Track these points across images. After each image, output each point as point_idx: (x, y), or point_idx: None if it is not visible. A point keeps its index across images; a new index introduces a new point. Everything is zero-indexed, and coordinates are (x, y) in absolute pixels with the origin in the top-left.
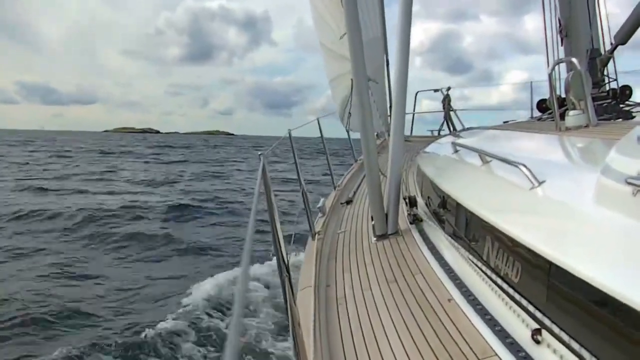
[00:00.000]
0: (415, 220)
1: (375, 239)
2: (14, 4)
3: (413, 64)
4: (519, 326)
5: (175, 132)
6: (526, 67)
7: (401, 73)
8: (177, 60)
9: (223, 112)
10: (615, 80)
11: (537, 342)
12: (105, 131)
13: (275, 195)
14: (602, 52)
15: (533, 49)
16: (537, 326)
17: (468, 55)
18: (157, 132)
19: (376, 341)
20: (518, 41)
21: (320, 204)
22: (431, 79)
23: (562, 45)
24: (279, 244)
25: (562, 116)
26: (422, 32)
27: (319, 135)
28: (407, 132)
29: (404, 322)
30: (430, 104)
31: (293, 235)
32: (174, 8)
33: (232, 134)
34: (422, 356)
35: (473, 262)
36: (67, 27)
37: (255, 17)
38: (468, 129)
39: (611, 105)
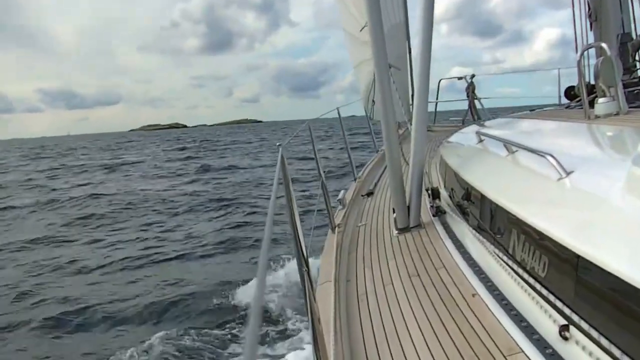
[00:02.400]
0: (438, 212)
1: (396, 232)
2: (26, 11)
3: (439, 31)
4: (546, 322)
5: (203, 125)
6: (558, 23)
7: (424, 60)
8: (197, 51)
9: (249, 100)
10: None
11: (565, 338)
12: (131, 130)
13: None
14: (634, 37)
15: (564, 2)
16: (565, 322)
17: (497, 16)
18: (184, 126)
19: (398, 337)
20: None
21: (340, 196)
22: (460, 46)
23: (591, 30)
24: (298, 237)
25: (592, 104)
26: None
27: (355, 116)
28: (429, 121)
29: (427, 317)
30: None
31: (312, 228)
32: None
33: (260, 121)
34: (445, 353)
35: (498, 255)
36: (81, 29)
37: None
38: (493, 117)
39: None
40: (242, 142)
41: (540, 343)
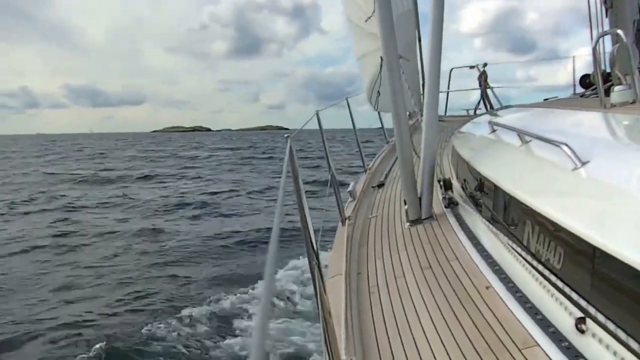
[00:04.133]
0: (451, 204)
1: (408, 224)
2: (55, 5)
3: (472, 45)
4: (562, 315)
5: (228, 129)
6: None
7: (434, 49)
8: (224, 55)
9: (275, 107)
10: None
11: (582, 331)
12: (154, 131)
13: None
14: None
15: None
16: (581, 315)
17: (533, 33)
18: (208, 129)
19: (410, 330)
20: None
21: (350, 188)
22: (494, 61)
23: (606, 17)
24: (308, 229)
25: (607, 92)
26: (481, 12)
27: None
28: (441, 112)
29: (440, 310)
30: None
31: (322, 221)
32: (217, 1)
33: (286, 128)
34: (458, 346)
35: (512, 247)
36: (110, 27)
37: (303, 5)
38: (506, 107)
39: None
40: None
41: (556, 336)
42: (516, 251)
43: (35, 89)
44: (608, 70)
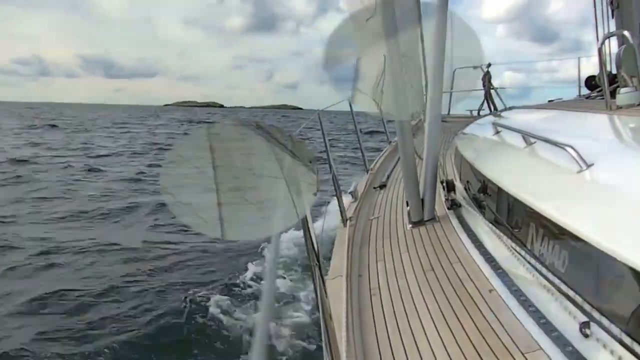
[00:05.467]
0: (454, 205)
1: (410, 225)
2: None
3: (495, 33)
4: (566, 319)
5: (241, 107)
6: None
7: (438, 49)
8: (240, 30)
9: (290, 86)
10: None
11: (586, 335)
12: (166, 105)
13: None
14: None
15: None
16: (586, 319)
17: (558, 23)
18: (222, 106)
19: (412, 333)
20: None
21: (352, 188)
22: (515, 51)
23: (612, 18)
24: (309, 230)
25: (613, 94)
26: None
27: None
28: (444, 112)
29: (442, 313)
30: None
31: (324, 221)
32: None
33: (300, 108)
34: (461, 349)
35: (516, 250)
36: None
37: None
38: (510, 108)
39: None
40: None
41: (560, 340)
42: (520, 254)
43: (49, 57)
44: (614, 71)
